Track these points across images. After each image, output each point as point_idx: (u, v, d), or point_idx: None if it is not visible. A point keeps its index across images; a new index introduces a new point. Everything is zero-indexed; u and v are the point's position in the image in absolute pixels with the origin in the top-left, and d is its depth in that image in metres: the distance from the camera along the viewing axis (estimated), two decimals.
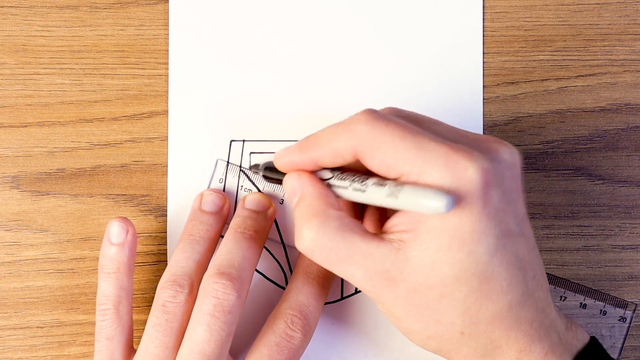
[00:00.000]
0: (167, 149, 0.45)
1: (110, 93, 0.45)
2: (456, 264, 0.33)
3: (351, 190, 0.35)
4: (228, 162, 0.44)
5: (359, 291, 0.45)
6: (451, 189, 0.32)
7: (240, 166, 0.45)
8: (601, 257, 0.45)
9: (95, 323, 0.41)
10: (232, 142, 0.45)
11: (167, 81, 0.45)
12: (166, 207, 0.45)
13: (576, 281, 0.45)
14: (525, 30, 0.45)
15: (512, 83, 0.45)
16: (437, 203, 0.31)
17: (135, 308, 0.44)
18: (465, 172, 0.32)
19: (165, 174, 0.45)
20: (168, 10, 0.45)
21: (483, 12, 0.45)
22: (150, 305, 0.44)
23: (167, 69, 0.45)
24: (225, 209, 0.43)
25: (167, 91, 0.45)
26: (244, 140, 0.45)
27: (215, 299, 0.37)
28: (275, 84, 0.45)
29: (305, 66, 0.45)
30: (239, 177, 0.45)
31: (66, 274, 0.44)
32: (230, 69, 0.45)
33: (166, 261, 0.44)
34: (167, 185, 0.45)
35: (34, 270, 0.44)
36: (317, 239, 0.34)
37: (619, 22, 0.46)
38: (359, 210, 0.40)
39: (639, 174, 0.45)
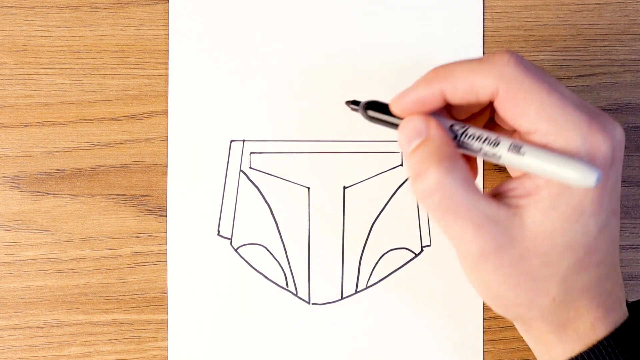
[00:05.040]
0: (167, 149, 0.45)
1: (110, 93, 0.45)
2: (570, 233, 0.33)
3: (482, 152, 0.34)
4: (243, 141, 0.44)
5: (359, 291, 0.45)
6: (585, 159, 0.32)
7: (240, 166, 0.45)
8: None
9: (95, 323, 0.41)
10: (232, 142, 0.45)
11: (167, 81, 0.45)
12: (166, 207, 0.45)
13: None
14: (525, 30, 0.45)
15: None
16: (587, 178, 0.31)
17: (135, 308, 0.44)
18: (601, 145, 0.33)
19: (165, 174, 0.45)
20: (168, 10, 0.45)
21: (483, 12, 0.45)
22: (150, 305, 0.44)
23: (167, 69, 0.45)
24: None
25: (167, 91, 0.45)
26: (244, 140, 0.45)
27: None
28: (275, 84, 0.45)
29: (305, 66, 0.45)
30: (239, 177, 0.45)
31: (66, 274, 0.44)
32: (230, 69, 0.45)
33: (166, 261, 0.44)
34: (167, 185, 0.45)
35: (34, 270, 0.44)
36: (444, 183, 0.33)
37: (619, 22, 0.46)
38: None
39: (639, 174, 0.45)
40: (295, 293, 0.45)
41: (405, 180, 0.45)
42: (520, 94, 0.33)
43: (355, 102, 0.39)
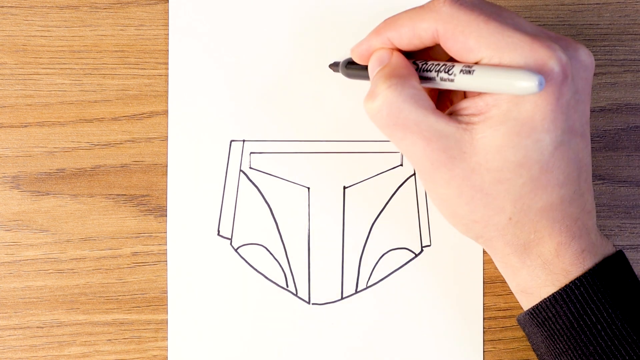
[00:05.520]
0: (167, 149, 0.45)
1: (110, 93, 0.45)
2: (521, 149, 0.34)
3: (439, 79, 0.36)
4: (243, 141, 0.44)
5: (359, 291, 0.45)
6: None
7: (240, 166, 0.45)
8: None
9: (95, 323, 0.41)
10: (232, 142, 0.45)
11: (167, 81, 0.45)
12: (166, 207, 0.45)
13: None
14: None
15: None
16: (529, 83, 0.31)
17: (135, 308, 0.44)
18: (546, 62, 0.33)
19: (165, 174, 0.45)
20: (168, 10, 0.45)
21: None
22: (150, 305, 0.44)
23: (167, 69, 0.45)
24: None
25: (167, 91, 0.45)
26: (244, 140, 0.45)
27: None
28: (275, 84, 0.45)
29: (305, 66, 0.45)
30: (238, 177, 0.45)
31: (66, 274, 0.44)
32: (230, 68, 0.45)
33: (166, 261, 0.44)
34: (167, 185, 0.45)
35: (34, 270, 0.44)
36: (392, 99, 0.35)
37: (619, 22, 0.46)
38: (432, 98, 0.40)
39: (639, 174, 0.45)
40: (295, 293, 0.45)
41: (406, 180, 0.45)
42: (458, 29, 0.34)
43: (335, 64, 0.43)
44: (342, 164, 0.45)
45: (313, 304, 0.45)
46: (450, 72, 0.35)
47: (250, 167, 0.45)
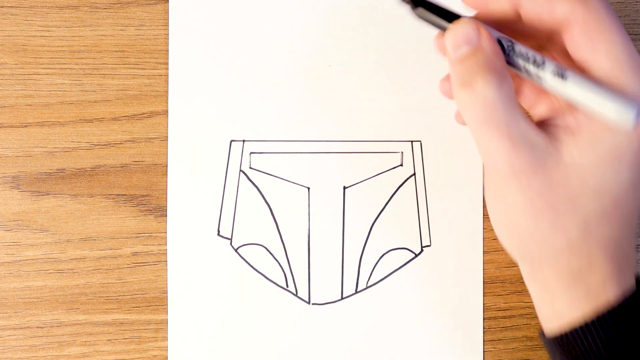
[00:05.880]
0: (167, 149, 0.45)
1: (110, 93, 0.45)
2: (602, 178, 0.33)
3: (524, 69, 0.34)
4: (244, 141, 0.44)
5: (359, 291, 0.45)
6: (635, 102, 0.32)
7: (240, 166, 0.45)
8: None
9: (95, 323, 0.41)
10: (232, 142, 0.45)
11: (167, 81, 0.45)
12: (166, 207, 0.45)
13: None
14: None
15: None
16: (625, 115, 0.30)
17: (135, 308, 0.44)
18: None
19: (165, 174, 0.45)
20: (168, 10, 0.45)
21: None
22: (150, 305, 0.44)
23: (167, 69, 0.45)
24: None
25: (167, 91, 0.45)
26: (244, 140, 0.45)
27: None
28: (275, 84, 0.45)
29: (305, 66, 0.45)
30: (238, 177, 0.45)
31: (66, 274, 0.44)
32: (230, 68, 0.45)
33: (166, 261, 0.44)
34: (167, 185, 0.45)
35: (34, 270, 0.44)
36: (489, 96, 0.33)
37: None
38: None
39: None
40: (295, 293, 0.45)
41: (406, 180, 0.45)
42: (598, 27, 0.33)
43: None
44: (342, 164, 0.45)
45: (313, 304, 0.45)
46: (541, 68, 0.33)
47: (250, 167, 0.45)
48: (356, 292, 0.45)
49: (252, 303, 0.45)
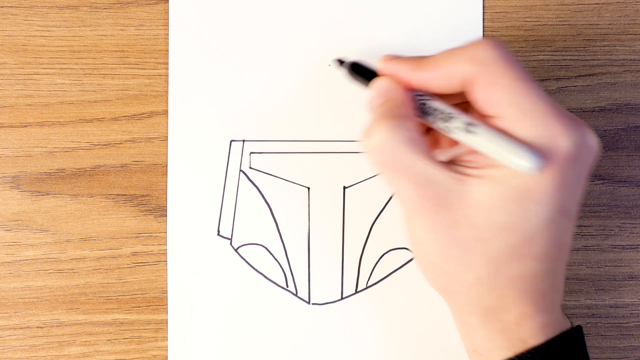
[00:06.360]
0: (167, 149, 0.45)
1: (110, 93, 0.45)
2: (510, 215, 0.33)
3: (435, 124, 0.35)
4: (243, 141, 0.44)
5: (359, 291, 0.45)
6: (541, 149, 0.33)
7: (240, 166, 0.45)
8: (601, 257, 0.45)
9: (95, 323, 0.41)
10: (232, 142, 0.45)
11: (167, 81, 0.45)
12: (166, 207, 0.45)
13: (576, 281, 0.45)
14: (525, 30, 0.45)
15: None
16: (528, 163, 0.32)
17: (135, 308, 0.44)
18: (561, 140, 0.33)
19: (165, 174, 0.45)
20: (168, 10, 0.45)
21: (483, 12, 0.45)
22: (150, 305, 0.44)
23: (167, 69, 0.45)
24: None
25: (167, 91, 0.45)
26: (244, 140, 0.45)
27: None
28: (275, 84, 0.45)
29: (305, 66, 0.45)
30: (238, 177, 0.45)
31: (66, 274, 0.44)
32: (230, 68, 0.45)
33: (166, 261, 0.44)
34: (167, 185, 0.45)
35: (34, 270, 0.44)
36: (387, 139, 0.34)
37: (619, 22, 0.46)
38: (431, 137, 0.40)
39: (639, 174, 0.45)
40: (295, 293, 0.45)
41: None
42: (492, 77, 0.34)
43: (341, 61, 0.41)
44: (342, 164, 0.45)
45: (313, 304, 0.45)
46: (449, 123, 0.35)
47: (250, 167, 0.45)
48: (356, 292, 0.45)
49: (252, 303, 0.45)
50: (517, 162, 0.32)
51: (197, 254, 0.45)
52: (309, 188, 0.45)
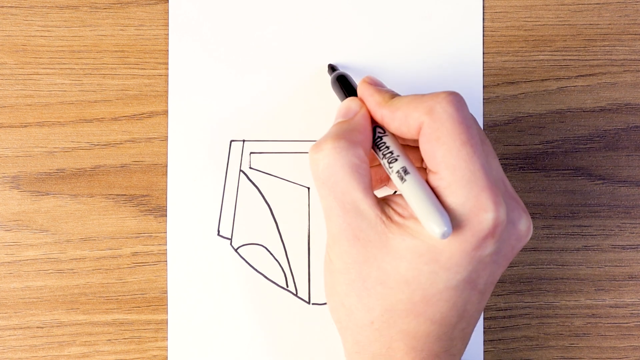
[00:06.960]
0: (167, 149, 0.45)
1: (110, 93, 0.45)
2: (415, 270, 0.33)
3: (381, 161, 0.36)
4: (243, 141, 0.44)
5: None
6: (460, 218, 0.32)
7: (240, 166, 0.45)
8: (601, 257, 0.45)
9: (95, 323, 0.41)
10: (232, 142, 0.45)
11: (167, 81, 0.45)
12: (166, 207, 0.45)
13: (576, 281, 0.45)
14: (525, 30, 0.45)
15: (512, 83, 0.45)
16: (436, 228, 0.32)
17: (135, 308, 0.44)
18: (483, 214, 0.32)
19: (165, 174, 0.45)
20: (168, 10, 0.45)
21: (483, 12, 0.45)
22: (150, 305, 0.44)
23: (167, 69, 0.45)
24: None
25: (167, 91, 0.45)
26: (244, 140, 0.45)
27: None
28: (275, 84, 0.45)
29: (306, 66, 0.45)
30: (238, 177, 0.45)
31: (66, 274, 0.44)
32: (230, 69, 0.45)
33: (166, 261, 0.44)
34: (167, 185, 0.45)
35: (34, 270, 0.44)
36: (331, 158, 0.34)
37: (619, 22, 0.46)
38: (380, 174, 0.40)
39: (639, 174, 0.45)
40: (295, 293, 0.45)
41: None
42: (438, 133, 0.33)
43: (333, 68, 0.43)
44: None
45: (313, 304, 0.45)
46: (390, 165, 0.35)
47: (250, 167, 0.45)
48: None
49: (252, 303, 0.45)
50: (428, 224, 0.32)
51: (197, 254, 0.45)
52: (309, 188, 0.45)
